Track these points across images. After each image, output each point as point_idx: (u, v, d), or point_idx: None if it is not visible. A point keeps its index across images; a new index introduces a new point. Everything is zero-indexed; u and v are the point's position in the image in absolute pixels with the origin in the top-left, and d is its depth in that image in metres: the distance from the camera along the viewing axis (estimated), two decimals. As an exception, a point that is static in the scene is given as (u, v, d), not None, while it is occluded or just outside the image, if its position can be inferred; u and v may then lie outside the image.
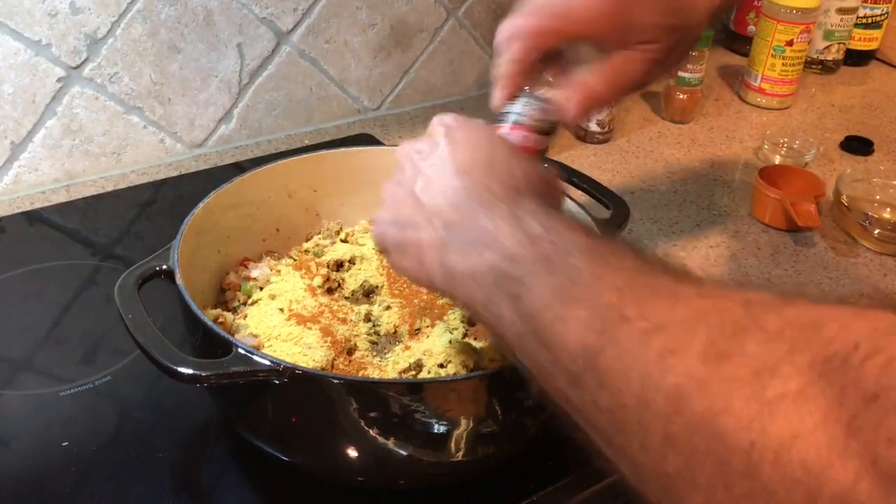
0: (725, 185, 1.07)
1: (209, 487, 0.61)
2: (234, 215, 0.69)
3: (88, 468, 0.61)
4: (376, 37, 1.12)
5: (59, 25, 0.88)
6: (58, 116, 0.93)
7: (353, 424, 0.53)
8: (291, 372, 0.50)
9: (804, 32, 1.22)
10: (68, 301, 0.79)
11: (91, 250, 0.87)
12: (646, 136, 1.18)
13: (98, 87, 0.94)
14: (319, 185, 0.76)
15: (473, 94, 1.26)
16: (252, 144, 1.08)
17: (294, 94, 1.09)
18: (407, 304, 0.66)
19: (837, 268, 0.92)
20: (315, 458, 0.58)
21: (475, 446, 0.56)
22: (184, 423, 0.66)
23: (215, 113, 1.04)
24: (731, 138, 1.19)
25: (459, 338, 0.62)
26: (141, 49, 0.94)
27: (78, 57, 0.91)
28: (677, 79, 1.18)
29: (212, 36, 0.98)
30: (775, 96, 1.27)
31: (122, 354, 0.71)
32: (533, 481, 0.62)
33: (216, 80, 1.01)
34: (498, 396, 0.54)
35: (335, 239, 0.75)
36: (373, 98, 1.16)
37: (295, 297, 0.65)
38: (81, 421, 0.66)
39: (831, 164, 1.14)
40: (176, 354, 0.50)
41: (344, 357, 0.60)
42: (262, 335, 0.61)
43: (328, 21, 1.06)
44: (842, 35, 1.38)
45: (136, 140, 0.99)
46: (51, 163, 0.95)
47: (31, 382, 0.69)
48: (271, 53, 1.04)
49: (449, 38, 1.18)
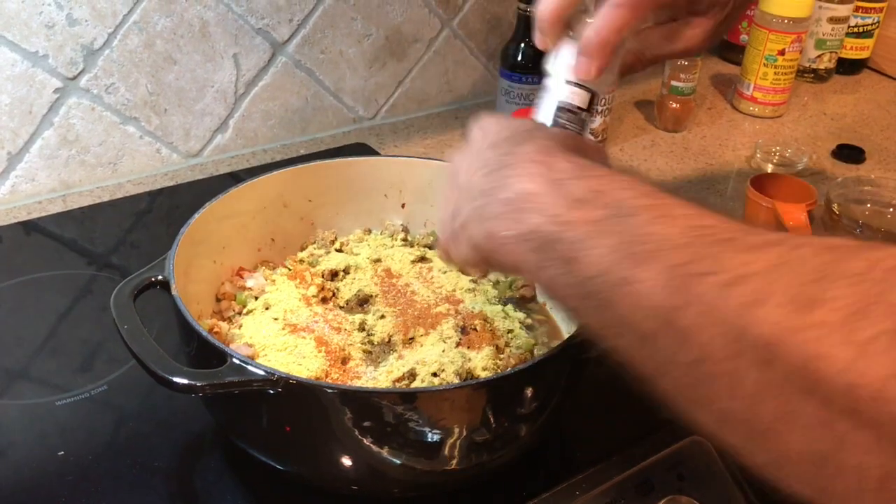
0: (718, 193, 1.08)
1: (205, 496, 0.62)
2: (229, 225, 0.70)
3: (84, 477, 0.61)
4: (371, 47, 1.12)
5: (56, 37, 0.89)
6: (54, 127, 0.93)
7: (347, 433, 0.53)
8: (286, 382, 0.50)
9: (796, 42, 1.23)
10: (65, 310, 0.79)
11: (87, 260, 0.87)
12: (639, 145, 1.19)
13: (94, 98, 0.94)
14: (314, 195, 0.76)
15: (468, 103, 1.26)
16: (248, 154, 1.09)
17: (290, 104, 1.09)
18: (401, 313, 0.67)
19: (829, 276, 0.93)
20: (309, 467, 0.58)
21: (469, 454, 0.56)
22: (179, 432, 0.66)
23: (211, 123, 1.04)
24: (723, 147, 1.20)
25: (453, 347, 0.63)
26: (137, 60, 0.95)
27: (75, 68, 0.92)
28: (670, 88, 1.19)
29: (208, 47, 0.99)
30: (767, 105, 1.28)
31: (118, 364, 0.72)
32: (525, 489, 0.62)
33: (212, 91, 1.02)
34: (491, 405, 0.54)
35: (330, 249, 0.76)
36: (368, 108, 1.17)
37: (289, 307, 0.66)
38: (78, 430, 0.66)
39: (823, 172, 1.14)
40: (171, 364, 0.50)
41: (338, 366, 0.61)
42: (257, 345, 0.62)
43: (323, 31, 1.07)
44: (833, 44, 1.39)
45: (133, 150, 1.00)
46: (47, 173, 0.95)
47: (27, 391, 0.69)
48: (267, 64, 1.05)
49: (443, 48, 1.19)
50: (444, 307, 0.67)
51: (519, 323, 0.69)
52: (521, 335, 0.67)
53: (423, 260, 0.74)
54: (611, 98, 1.12)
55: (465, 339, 0.64)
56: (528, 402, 0.56)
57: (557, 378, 0.58)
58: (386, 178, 0.78)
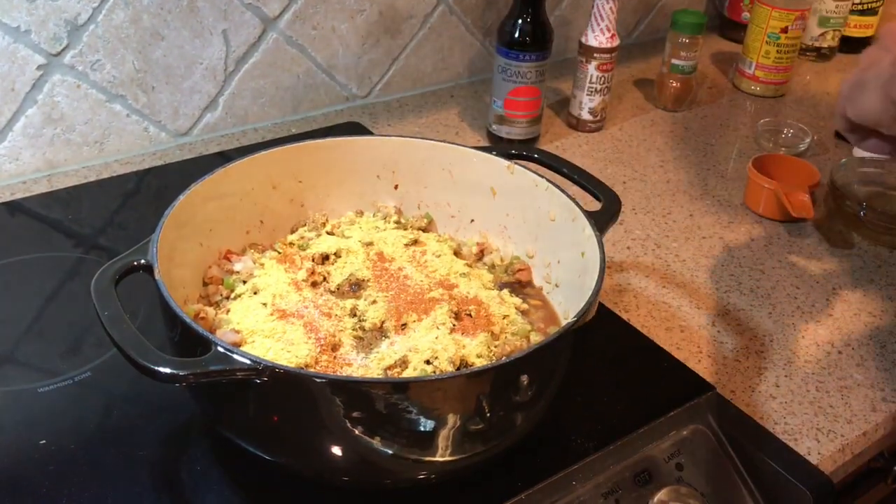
0: (718, 174, 1.06)
1: (190, 486, 0.60)
2: (215, 207, 0.67)
3: (67, 467, 0.60)
4: (365, 23, 1.10)
5: (38, 11, 0.86)
6: (38, 105, 0.91)
7: (337, 424, 0.51)
8: (272, 371, 0.48)
9: (799, 19, 1.21)
10: (50, 294, 0.77)
11: (74, 241, 0.85)
12: (638, 125, 1.17)
13: (79, 75, 0.91)
14: (304, 175, 0.74)
15: (464, 81, 1.24)
16: (238, 133, 1.06)
17: (281, 82, 1.07)
18: (393, 298, 0.65)
19: (831, 258, 0.91)
20: (298, 458, 0.57)
21: (462, 444, 0.55)
22: (165, 420, 0.65)
23: (200, 101, 1.02)
24: (724, 127, 1.18)
25: (447, 333, 0.61)
26: (123, 36, 0.92)
27: (58, 44, 0.89)
28: (670, 66, 1.17)
29: (196, 22, 0.96)
30: (770, 84, 1.26)
31: (103, 349, 0.70)
32: (520, 479, 0.61)
33: (201, 68, 0.99)
34: (485, 394, 0.53)
35: (321, 231, 0.74)
36: (361, 85, 1.15)
37: (278, 292, 0.64)
38: (60, 418, 0.64)
39: (826, 153, 1.12)
40: (153, 353, 0.49)
41: (328, 353, 0.59)
42: (245, 331, 0.60)
43: (315, 7, 1.04)
44: (837, 22, 1.37)
45: (119, 129, 0.97)
46: (32, 152, 0.93)
47: (9, 377, 0.68)
48: (257, 40, 1.02)
49: (439, 25, 1.16)
50: (437, 292, 0.65)
51: (514, 308, 0.67)
52: (517, 321, 0.65)
53: (417, 243, 0.72)
54: (610, 76, 1.09)
55: (460, 325, 0.62)
56: (523, 390, 0.54)
57: (554, 366, 0.57)
58: (379, 158, 0.76)
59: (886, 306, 0.84)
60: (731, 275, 0.87)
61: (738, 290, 0.85)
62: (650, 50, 1.37)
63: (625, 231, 0.93)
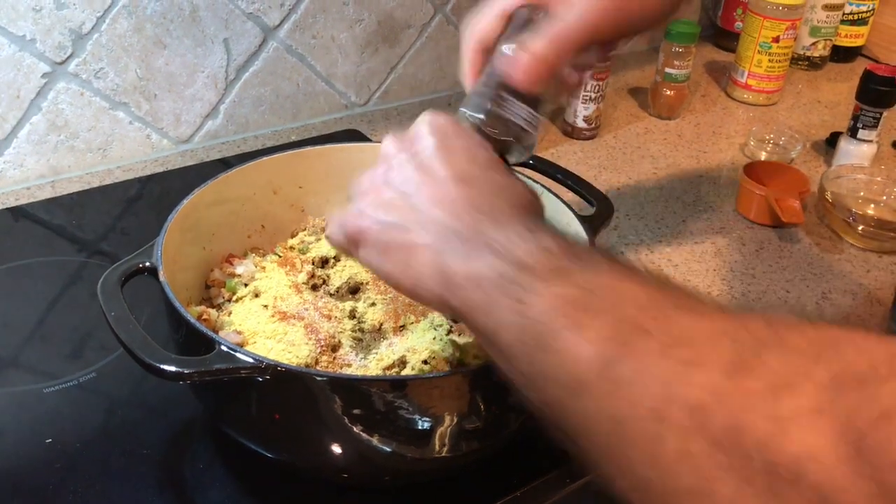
0: (711, 181, 1.08)
1: (194, 484, 0.61)
2: (218, 212, 0.69)
3: (73, 465, 0.61)
4: (363, 32, 1.11)
5: (44, 20, 0.88)
6: (43, 112, 0.92)
7: (337, 421, 0.53)
8: (274, 369, 0.50)
9: (790, 29, 1.23)
10: (53, 297, 0.78)
11: (77, 246, 0.86)
12: (632, 132, 1.18)
13: (83, 83, 0.93)
14: (305, 181, 0.75)
15: (461, 89, 1.25)
16: (239, 140, 1.08)
17: (281, 90, 1.08)
18: (392, 300, 0.66)
19: (821, 264, 0.93)
20: (299, 455, 0.58)
21: (459, 442, 0.56)
22: (169, 419, 0.66)
23: (201, 109, 1.03)
24: (717, 134, 1.20)
25: (444, 334, 0.62)
26: (126, 44, 0.94)
27: (63, 52, 0.90)
28: (664, 75, 1.19)
29: (198, 31, 0.98)
30: (762, 92, 1.28)
31: (107, 351, 0.71)
32: (517, 477, 0.62)
33: (202, 76, 1.01)
34: (481, 393, 0.54)
35: (320, 236, 0.75)
36: (360, 94, 1.16)
37: (279, 294, 0.65)
38: (66, 418, 0.65)
39: (817, 160, 1.14)
40: (159, 352, 0.50)
41: (328, 354, 0.61)
42: (247, 332, 0.61)
43: (315, 16, 1.06)
44: (828, 31, 1.39)
45: (122, 136, 0.99)
46: (36, 158, 0.94)
47: (15, 379, 0.69)
48: (258, 49, 1.04)
49: (436, 34, 1.18)
50: (435, 294, 0.67)
51: (510, 310, 0.68)
52: (513, 323, 0.67)
53: (415, 247, 0.74)
54: (604, 85, 1.11)
55: (457, 326, 0.64)
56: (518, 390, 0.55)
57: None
58: (377, 164, 0.77)
59: (875, 310, 0.86)
60: (723, 279, 0.89)
61: (729, 294, 0.87)
62: (644, 59, 1.39)
63: (619, 236, 0.94)
